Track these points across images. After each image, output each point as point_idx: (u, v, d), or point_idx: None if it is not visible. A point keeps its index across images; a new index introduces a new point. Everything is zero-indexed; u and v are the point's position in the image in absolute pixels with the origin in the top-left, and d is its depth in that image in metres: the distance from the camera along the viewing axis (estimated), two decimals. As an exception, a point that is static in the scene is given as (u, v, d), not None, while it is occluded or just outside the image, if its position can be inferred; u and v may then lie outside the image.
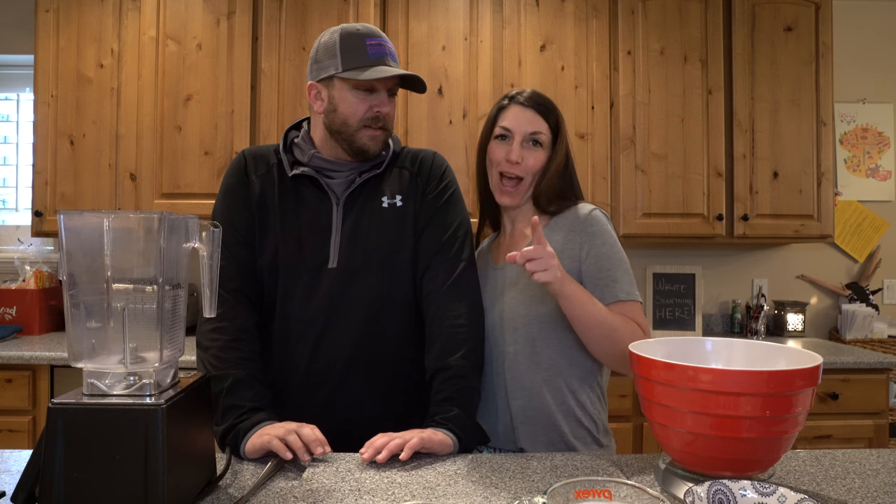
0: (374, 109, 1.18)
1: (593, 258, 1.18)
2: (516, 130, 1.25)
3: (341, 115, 1.18)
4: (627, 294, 1.17)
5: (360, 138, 1.19)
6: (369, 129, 1.18)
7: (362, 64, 1.14)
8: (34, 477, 0.75)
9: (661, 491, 0.89)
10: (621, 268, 1.19)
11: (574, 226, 1.21)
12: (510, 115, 1.26)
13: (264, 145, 1.29)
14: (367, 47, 1.15)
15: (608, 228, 1.21)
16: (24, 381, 2.08)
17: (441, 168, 1.28)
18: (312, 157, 1.22)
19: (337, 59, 1.16)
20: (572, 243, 1.20)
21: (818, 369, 0.81)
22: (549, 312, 1.20)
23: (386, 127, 1.21)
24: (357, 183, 1.22)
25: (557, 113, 1.27)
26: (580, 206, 1.25)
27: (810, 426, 2.18)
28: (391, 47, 1.20)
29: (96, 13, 2.42)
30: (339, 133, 1.20)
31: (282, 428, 1.01)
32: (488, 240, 1.41)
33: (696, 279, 2.71)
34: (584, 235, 1.19)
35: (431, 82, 2.44)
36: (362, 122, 1.18)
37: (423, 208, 1.24)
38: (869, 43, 2.93)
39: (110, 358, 0.77)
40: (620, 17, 2.49)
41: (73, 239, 0.76)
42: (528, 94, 1.27)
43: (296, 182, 1.22)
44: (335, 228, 1.20)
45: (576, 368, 1.21)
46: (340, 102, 1.18)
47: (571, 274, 1.18)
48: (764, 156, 2.51)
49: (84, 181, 2.41)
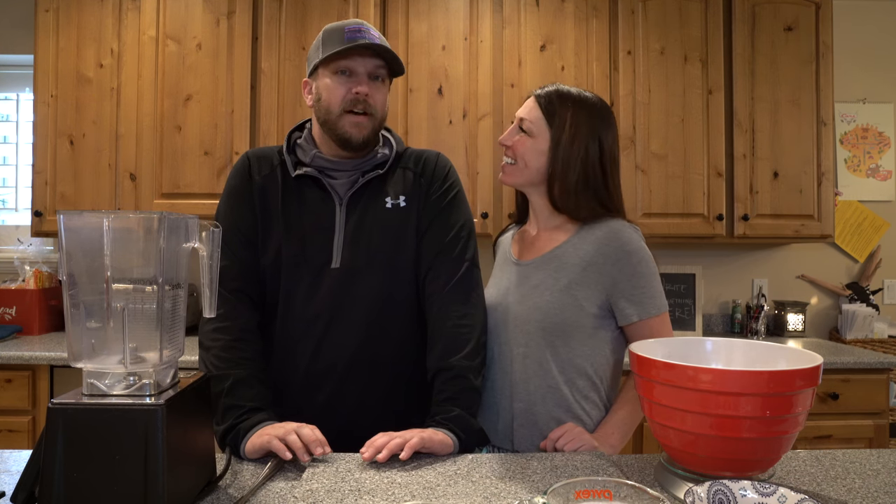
0: (353, 91, 1.17)
1: (626, 276, 1.17)
2: (515, 118, 1.27)
3: (325, 102, 1.19)
4: (658, 309, 1.19)
5: (343, 125, 1.18)
6: (351, 114, 1.18)
7: (338, 48, 1.16)
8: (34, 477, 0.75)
9: (661, 491, 0.89)
10: (653, 284, 1.19)
11: (608, 240, 1.18)
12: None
13: (268, 147, 1.30)
14: (345, 33, 1.17)
15: (642, 245, 1.20)
16: (23, 381, 2.08)
17: (445, 169, 1.28)
18: (314, 158, 1.22)
19: (319, 51, 1.18)
20: (604, 258, 1.18)
21: (818, 369, 0.81)
22: (563, 322, 1.18)
23: (369, 112, 1.19)
24: (360, 183, 1.22)
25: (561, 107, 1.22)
26: (614, 221, 1.21)
27: (810, 426, 2.18)
28: (375, 33, 1.19)
29: (96, 13, 2.41)
30: (325, 123, 1.20)
31: (282, 428, 1.01)
32: (511, 233, 1.39)
33: (696, 279, 2.71)
34: (620, 253, 1.17)
35: (431, 82, 2.44)
36: (343, 106, 1.18)
37: (426, 209, 1.24)
38: (869, 43, 2.93)
39: (110, 358, 0.77)
40: (620, 17, 2.49)
41: (72, 239, 0.76)
42: (546, 89, 1.26)
43: (299, 182, 1.23)
44: (338, 228, 1.20)
45: (584, 379, 1.20)
46: (324, 90, 1.19)
47: (598, 287, 1.18)
48: (764, 156, 2.51)
49: (84, 181, 2.41)
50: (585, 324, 1.18)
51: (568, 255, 1.21)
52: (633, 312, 1.17)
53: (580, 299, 1.18)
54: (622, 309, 1.18)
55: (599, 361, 1.21)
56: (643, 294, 1.17)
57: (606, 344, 1.21)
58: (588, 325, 1.19)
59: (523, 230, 1.36)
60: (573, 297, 1.18)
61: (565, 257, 1.21)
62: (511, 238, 1.37)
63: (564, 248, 1.22)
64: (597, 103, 1.25)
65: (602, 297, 1.19)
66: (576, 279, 1.19)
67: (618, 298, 1.18)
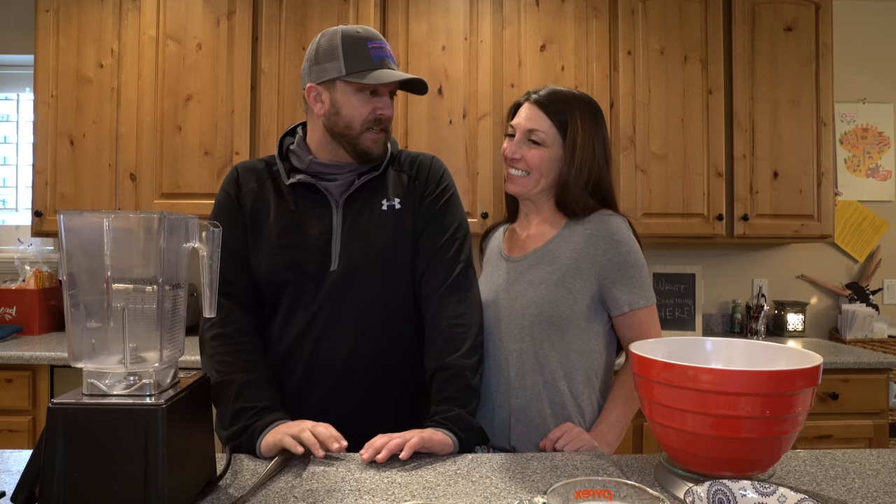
0: (378, 112, 1.19)
1: (616, 265, 1.19)
2: (518, 128, 1.26)
3: (345, 118, 1.19)
4: (647, 300, 1.21)
5: (364, 141, 1.20)
6: (372, 131, 1.20)
7: (366, 67, 1.16)
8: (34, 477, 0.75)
9: (661, 491, 0.89)
10: (642, 275, 1.21)
11: (597, 230, 1.21)
12: (520, 113, 1.28)
13: (256, 159, 1.30)
14: (369, 50, 1.17)
15: (630, 235, 1.22)
16: (24, 381, 2.08)
17: (439, 171, 1.29)
18: (310, 164, 1.23)
19: (340, 62, 1.16)
20: (594, 248, 1.20)
21: (818, 369, 0.81)
22: (558, 316, 1.19)
23: (387, 129, 1.23)
24: (356, 185, 1.22)
25: (570, 112, 1.23)
26: (603, 212, 1.24)
27: (810, 426, 2.18)
28: (390, 49, 1.21)
29: (96, 13, 2.41)
30: (342, 136, 1.20)
31: (296, 426, 1.02)
32: (502, 229, 1.40)
33: (696, 279, 2.71)
34: (610, 242, 1.20)
35: (431, 82, 2.44)
36: (365, 124, 1.19)
37: (421, 211, 1.24)
38: (869, 43, 2.93)
39: (110, 358, 0.77)
40: (620, 17, 2.49)
41: (73, 239, 0.76)
42: (542, 93, 1.26)
43: (293, 189, 1.23)
44: (335, 230, 1.20)
45: (580, 374, 1.20)
46: (344, 105, 1.18)
47: (590, 277, 1.20)
48: (764, 156, 2.51)
49: (84, 181, 2.41)
50: (579, 316, 1.20)
51: (560, 249, 1.22)
52: (625, 302, 1.19)
53: (574, 291, 1.20)
54: (614, 297, 1.20)
55: (594, 357, 1.22)
56: (633, 283, 1.20)
57: (599, 338, 1.23)
58: (581, 318, 1.20)
59: (512, 228, 1.36)
60: (567, 290, 1.20)
61: (558, 251, 1.23)
62: (501, 235, 1.37)
63: (556, 243, 1.24)
64: (592, 101, 1.28)
65: (594, 288, 1.20)
66: (569, 272, 1.20)
67: (609, 287, 1.20)
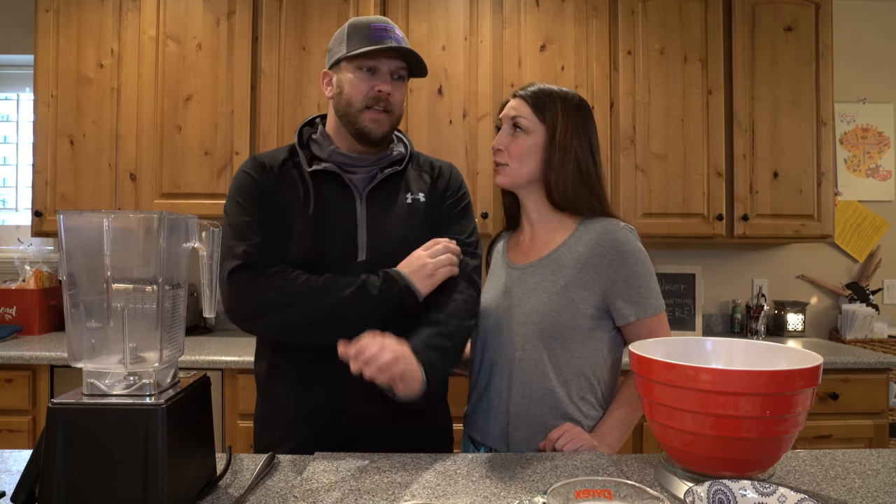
0: (376, 88, 1.19)
1: (622, 276, 1.17)
2: (504, 119, 1.28)
3: (346, 96, 1.20)
4: (655, 309, 1.19)
5: (363, 120, 1.20)
6: (371, 110, 1.20)
7: (364, 45, 1.18)
8: (34, 477, 0.75)
9: (661, 491, 0.89)
10: (650, 284, 1.19)
11: (603, 241, 1.19)
12: (506, 106, 1.29)
13: (273, 150, 1.28)
14: (371, 31, 1.19)
15: (637, 245, 1.20)
16: (23, 381, 2.08)
17: (459, 178, 1.34)
18: (332, 153, 1.23)
19: (344, 45, 1.20)
20: (599, 259, 1.18)
21: (818, 369, 0.81)
22: (560, 325, 1.18)
23: (389, 109, 1.21)
24: (378, 178, 1.23)
25: (551, 102, 1.23)
26: (608, 221, 1.22)
27: (810, 426, 2.18)
28: (399, 33, 1.21)
29: (96, 13, 2.42)
30: (344, 116, 1.21)
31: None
32: (504, 238, 1.40)
33: (696, 279, 2.71)
34: (616, 253, 1.18)
35: (432, 82, 2.44)
36: (364, 101, 1.19)
37: (440, 212, 1.27)
38: (869, 43, 2.93)
39: (110, 358, 0.77)
40: (620, 17, 2.49)
41: (72, 239, 0.76)
42: (528, 89, 1.27)
43: (315, 178, 1.22)
44: (360, 222, 1.20)
45: (581, 380, 1.20)
46: (346, 84, 1.20)
47: (594, 288, 1.18)
48: (764, 156, 2.51)
49: (84, 181, 2.41)
50: (582, 325, 1.18)
51: (564, 258, 1.21)
52: (631, 313, 1.17)
53: (577, 301, 1.18)
54: (619, 309, 1.18)
55: (597, 362, 1.21)
56: (640, 294, 1.17)
57: (604, 345, 1.21)
58: (585, 327, 1.19)
59: (516, 235, 1.36)
60: (570, 299, 1.18)
61: (562, 260, 1.21)
62: (505, 243, 1.37)
63: (560, 251, 1.22)
64: (579, 100, 1.27)
65: (598, 299, 1.19)
66: (572, 281, 1.18)
67: (614, 299, 1.18)
